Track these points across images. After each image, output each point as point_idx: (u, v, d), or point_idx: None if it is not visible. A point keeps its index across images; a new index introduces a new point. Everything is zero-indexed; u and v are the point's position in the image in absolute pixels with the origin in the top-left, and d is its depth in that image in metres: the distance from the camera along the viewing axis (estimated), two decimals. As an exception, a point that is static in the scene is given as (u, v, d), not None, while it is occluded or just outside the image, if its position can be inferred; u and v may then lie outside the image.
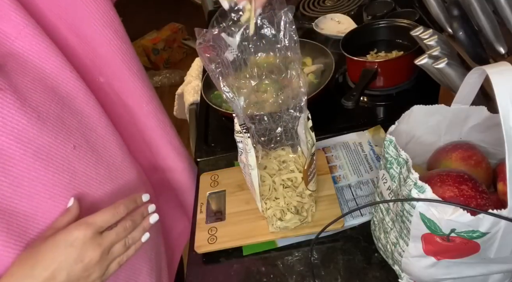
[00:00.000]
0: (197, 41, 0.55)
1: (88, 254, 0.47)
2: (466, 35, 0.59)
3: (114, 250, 0.51)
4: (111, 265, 0.51)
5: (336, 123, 0.90)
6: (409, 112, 0.55)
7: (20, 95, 0.48)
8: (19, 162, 0.48)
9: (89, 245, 0.47)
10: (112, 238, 0.50)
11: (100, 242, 0.48)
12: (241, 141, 0.62)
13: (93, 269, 0.48)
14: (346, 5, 1.24)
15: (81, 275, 0.47)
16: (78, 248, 0.47)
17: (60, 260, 0.46)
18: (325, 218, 0.68)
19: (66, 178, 0.53)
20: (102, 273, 0.49)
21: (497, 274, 0.52)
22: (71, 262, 0.46)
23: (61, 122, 0.53)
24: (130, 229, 0.52)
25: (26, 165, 0.49)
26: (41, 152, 0.50)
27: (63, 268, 0.46)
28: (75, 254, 0.47)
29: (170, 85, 2.79)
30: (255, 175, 0.61)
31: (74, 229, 0.48)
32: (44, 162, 0.50)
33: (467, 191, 0.47)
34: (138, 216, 0.54)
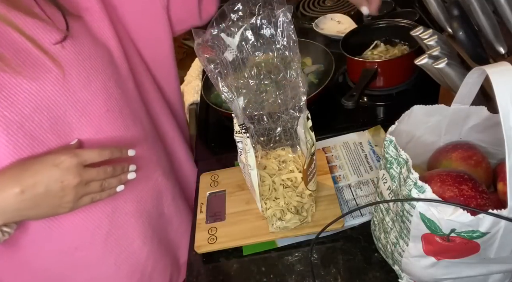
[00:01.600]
0: (196, 42, 0.55)
1: (68, 178, 0.53)
2: (466, 35, 0.59)
3: (91, 186, 0.57)
4: (84, 198, 0.57)
5: (336, 123, 0.90)
6: (409, 112, 0.55)
7: (80, 54, 0.58)
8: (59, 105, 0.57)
9: (71, 171, 0.53)
10: (92, 174, 0.56)
11: (80, 173, 0.54)
12: (241, 141, 0.62)
13: (68, 191, 0.54)
14: (346, 5, 1.24)
15: (56, 194, 0.53)
16: (61, 170, 0.53)
17: (43, 175, 0.52)
18: (325, 218, 0.68)
19: (92, 133, 0.61)
20: (74, 200, 0.55)
21: (497, 274, 0.52)
22: (52, 180, 0.53)
23: (104, 88, 0.62)
24: (109, 174, 0.59)
25: (63, 109, 0.57)
26: (79, 104, 0.58)
27: (44, 182, 0.52)
28: (57, 174, 0.53)
29: (170, 85, 2.80)
30: (255, 175, 0.61)
31: (62, 154, 0.54)
32: (78, 112, 0.59)
33: (467, 191, 0.47)
34: (119, 167, 0.61)
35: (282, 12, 0.54)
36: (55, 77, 0.55)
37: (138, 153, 0.65)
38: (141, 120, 0.71)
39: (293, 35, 0.55)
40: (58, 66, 0.55)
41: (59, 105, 0.57)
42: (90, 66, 0.59)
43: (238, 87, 0.58)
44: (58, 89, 0.56)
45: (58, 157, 0.53)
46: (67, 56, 0.57)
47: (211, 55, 0.57)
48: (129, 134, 0.66)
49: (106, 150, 0.58)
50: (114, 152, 0.59)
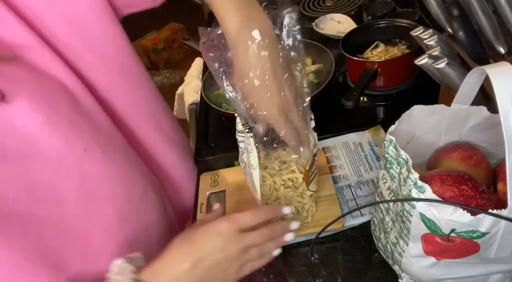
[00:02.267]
0: (201, 40, 0.55)
1: (230, 246, 0.52)
2: (466, 35, 0.59)
3: (250, 252, 0.54)
4: (245, 266, 0.55)
5: (336, 123, 0.90)
6: (409, 112, 0.55)
7: (30, 100, 0.49)
8: (29, 168, 0.49)
9: (232, 239, 0.52)
10: (251, 239, 0.54)
11: (240, 239, 0.53)
12: (243, 140, 0.62)
13: (231, 263, 0.53)
14: (346, 5, 1.24)
15: (221, 265, 0.52)
16: (223, 239, 0.52)
17: (208, 246, 0.52)
18: (325, 218, 0.68)
19: (77, 180, 0.54)
20: (237, 270, 0.54)
21: (497, 274, 0.52)
22: (217, 250, 0.52)
23: (72, 126, 0.54)
24: (267, 237, 0.55)
25: (36, 170, 0.50)
26: (51, 157, 0.51)
27: (210, 253, 0.51)
28: (221, 243, 0.52)
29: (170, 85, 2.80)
30: (257, 175, 0.61)
31: (221, 222, 0.53)
32: (53, 166, 0.51)
33: (467, 191, 0.47)
34: (278, 228, 0.57)
35: (288, 13, 0.54)
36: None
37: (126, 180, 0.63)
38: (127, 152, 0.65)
39: (298, 36, 0.55)
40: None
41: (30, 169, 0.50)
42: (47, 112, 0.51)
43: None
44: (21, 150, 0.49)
45: (218, 225, 0.53)
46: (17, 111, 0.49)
47: (215, 54, 0.57)
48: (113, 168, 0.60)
49: (261, 211, 0.56)
50: (268, 212, 0.56)
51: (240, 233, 0.53)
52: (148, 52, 2.90)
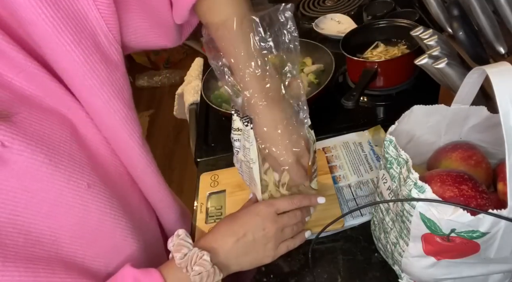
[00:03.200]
0: (205, 38, 0.55)
1: (268, 225, 0.59)
2: (466, 35, 0.59)
3: (285, 231, 0.61)
4: (281, 245, 0.61)
5: (336, 123, 0.90)
6: (409, 112, 0.55)
7: (29, 142, 0.47)
8: (25, 210, 0.48)
9: (269, 218, 0.60)
10: (285, 220, 0.61)
11: (277, 219, 0.60)
12: (239, 139, 0.62)
13: (269, 239, 0.59)
14: (346, 5, 1.24)
15: (261, 241, 0.59)
16: (262, 218, 0.59)
17: (250, 223, 0.59)
18: (325, 218, 0.68)
19: (78, 217, 0.53)
20: (275, 247, 0.60)
21: (497, 274, 0.52)
22: (257, 228, 0.59)
23: (73, 161, 0.52)
24: (298, 218, 0.63)
25: (31, 213, 0.48)
26: (50, 197, 0.50)
27: (251, 230, 0.58)
28: (260, 222, 0.59)
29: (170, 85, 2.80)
30: (256, 168, 0.61)
31: (261, 204, 0.61)
32: (51, 207, 0.50)
33: (467, 191, 0.47)
34: (304, 210, 0.65)
35: (283, 10, 0.54)
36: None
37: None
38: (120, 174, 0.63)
39: (294, 33, 0.55)
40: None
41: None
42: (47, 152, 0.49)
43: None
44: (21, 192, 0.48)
45: (258, 207, 0.61)
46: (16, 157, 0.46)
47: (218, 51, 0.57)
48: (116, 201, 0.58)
49: (295, 199, 0.63)
50: (302, 200, 0.63)
51: (276, 215, 0.60)
52: (148, 52, 2.90)
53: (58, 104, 0.53)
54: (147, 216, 0.68)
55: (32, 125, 0.49)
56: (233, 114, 0.61)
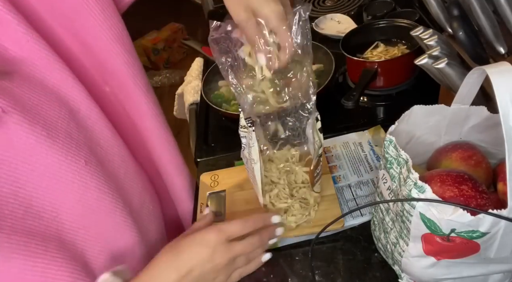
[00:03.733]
0: (210, 33, 0.55)
1: (217, 256, 0.52)
2: (466, 35, 0.59)
3: (237, 261, 0.55)
4: (233, 274, 0.56)
5: (336, 123, 0.90)
6: (409, 112, 0.55)
7: (27, 114, 0.48)
8: (25, 184, 0.48)
9: (219, 249, 0.53)
10: (239, 249, 0.54)
11: (229, 249, 0.53)
12: (245, 136, 0.62)
13: (219, 272, 0.53)
14: (346, 5, 1.24)
15: (209, 275, 0.52)
16: (211, 249, 0.52)
17: (196, 258, 0.52)
18: (325, 218, 0.68)
19: (77, 194, 0.53)
20: (226, 279, 0.54)
21: (497, 274, 0.52)
22: (204, 261, 0.52)
23: (70, 138, 0.53)
24: (256, 245, 0.57)
25: (32, 185, 0.49)
26: (50, 171, 0.50)
27: (198, 265, 0.52)
28: (208, 254, 0.52)
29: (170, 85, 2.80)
30: (258, 169, 0.61)
31: (209, 232, 0.53)
32: (51, 181, 0.50)
33: (467, 191, 0.47)
34: (266, 235, 0.58)
35: (299, 10, 0.53)
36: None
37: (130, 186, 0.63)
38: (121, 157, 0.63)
39: (307, 35, 0.55)
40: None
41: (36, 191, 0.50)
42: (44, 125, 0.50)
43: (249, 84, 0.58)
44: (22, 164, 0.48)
45: (206, 235, 0.53)
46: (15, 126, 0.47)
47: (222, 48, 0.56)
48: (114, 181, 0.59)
49: (249, 221, 0.56)
50: (257, 221, 0.57)
51: (228, 243, 0.53)
52: (148, 52, 2.90)
53: (61, 83, 0.54)
54: (150, 203, 0.68)
55: (31, 99, 0.50)
56: (241, 112, 0.61)
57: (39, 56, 0.52)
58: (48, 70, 0.53)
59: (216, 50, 0.56)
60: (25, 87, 0.50)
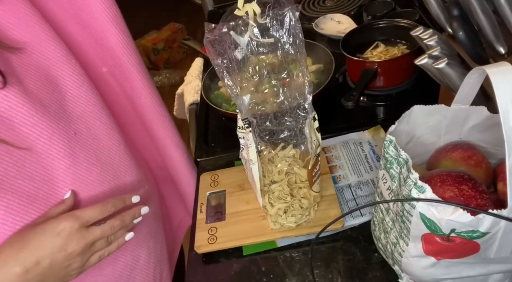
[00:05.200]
0: (205, 35, 0.55)
1: (72, 245, 0.50)
2: (466, 35, 0.59)
3: (97, 245, 0.53)
4: (92, 258, 0.54)
5: (336, 123, 0.90)
6: (409, 112, 0.55)
7: (26, 82, 0.52)
8: (22, 143, 0.50)
9: (74, 237, 0.50)
10: (97, 234, 0.52)
11: (84, 236, 0.51)
12: (243, 136, 0.62)
13: (74, 259, 0.51)
14: (346, 5, 1.24)
15: (62, 264, 0.50)
16: (64, 238, 0.49)
17: (45, 248, 0.49)
18: (325, 218, 0.68)
19: (67, 162, 0.55)
20: (82, 264, 0.52)
21: (497, 274, 0.52)
22: (56, 251, 0.49)
23: (63, 110, 0.56)
24: (116, 228, 0.55)
25: (29, 145, 0.51)
26: (44, 136, 0.52)
27: (48, 255, 0.48)
28: (60, 244, 0.49)
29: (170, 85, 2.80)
30: (256, 170, 0.61)
31: (63, 220, 0.50)
32: (45, 146, 0.53)
33: (467, 191, 0.47)
34: (128, 216, 0.57)
35: (289, 11, 0.54)
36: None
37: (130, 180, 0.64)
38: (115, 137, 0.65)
39: (299, 34, 0.55)
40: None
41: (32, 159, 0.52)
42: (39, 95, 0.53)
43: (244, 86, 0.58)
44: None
45: (58, 224, 0.50)
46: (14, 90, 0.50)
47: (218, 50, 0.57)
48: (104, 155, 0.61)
49: (108, 204, 0.54)
50: (116, 204, 0.55)
51: (84, 230, 0.51)
52: (148, 52, 2.90)
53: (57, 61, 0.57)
54: (146, 181, 0.70)
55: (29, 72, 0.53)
56: (238, 113, 0.61)
57: (41, 33, 0.55)
58: (48, 47, 0.56)
59: (211, 52, 0.56)
60: (25, 60, 0.53)
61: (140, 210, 0.59)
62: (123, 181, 0.63)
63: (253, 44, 0.56)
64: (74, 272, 0.52)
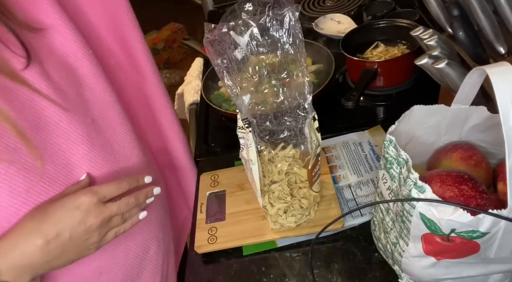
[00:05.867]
0: (205, 35, 0.56)
1: (90, 219, 0.52)
2: (466, 35, 0.59)
3: (113, 221, 0.55)
4: (108, 234, 0.56)
5: (336, 123, 0.90)
6: (409, 112, 0.55)
7: (48, 64, 0.54)
8: (43, 128, 0.53)
9: (92, 211, 0.52)
10: (114, 209, 0.55)
11: (102, 210, 0.53)
12: (243, 136, 0.62)
13: (93, 233, 0.53)
14: (346, 5, 1.24)
15: (81, 237, 0.52)
16: (83, 212, 0.52)
17: (65, 221, 0.51)
18: (325, 218, 0.68)
19: (84, 148, 0.57)
20: (100, 239, 0.54)
21: (497, 274, 0.52)
22: (75, 224, 0.51)
23: (81, 98, 0.58)
24: (131, 205, 0.57)
25: (47, 132, 0.53)
26: (64, 121, 0.54)
27: (68, 228, 0.51)
28: (79, 217, 0.51)
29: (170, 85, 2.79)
30: (256, 170, 0.61)
31: (82, 195, 0.52)
32: (65, 130, 0.55)
33: (467, 191, 0.47)
34: (142, 195, 0.59)
35: (289, 11, 0.54)
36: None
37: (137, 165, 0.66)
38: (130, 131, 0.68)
39: (299, 34, 0.55)
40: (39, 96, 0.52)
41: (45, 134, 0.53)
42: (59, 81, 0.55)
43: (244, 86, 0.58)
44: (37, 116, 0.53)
45: (77, 199, 0.52)
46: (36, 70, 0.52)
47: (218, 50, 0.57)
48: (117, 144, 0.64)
49: (123, 182, 0.56)
50: (131, 182, 0.58)
51: (102, 205, 0.53)
52: (148, 52, 2.90)
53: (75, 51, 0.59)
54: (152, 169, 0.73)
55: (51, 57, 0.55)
56: (238, 113, 0.61)
57: (61, 23, 0.57)
58: (68, 37, 0.57)
59: (211, 52, 0.56)
60: (48, 46, 0.55)
61: (153, 190, 0.61)
62: (135, 171, 0.65)
63: (253, 44, 0.56)
64: (92, 246, 0.54)
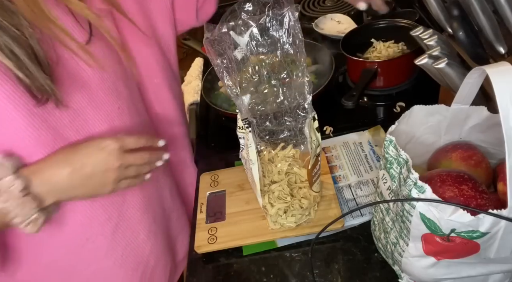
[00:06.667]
0: (205, 35, 0.56)
1: (110, 160, 0.57)
2: (466, 35, 0.59)
3: (129, 170, 0.60)
4: (123, 181, 0.60)
5: (336, 123, 0.90)
6: (409, 112, 0.55)
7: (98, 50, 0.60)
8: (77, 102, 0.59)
9: (114, 154, 0.58)
10: (131, 159, 0.60)
11: (121, 157, 0.58)
12: (243, 136, 0.62)
13: (110, 174, 0.58)
14: (346, 5, 1.24)
15: (100, 175, 0.58)
16: (106, 153, 0.57)
17: (90, 157, 0.57)
18: (325, 218, 0.68)
19: (106, 127, 0.62)
20: (115, 182, 0.59)
21: (497, 274, 0.52)
22: (98, 161, 0.57)
23: (114, 85, 0.64)
24: (145, 160, 0.62)
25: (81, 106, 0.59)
26: (95, 102, 0.60)
27: (91, 163, 0.56)
28: (102, 156, 0.57)
29: (170, 85, 2.80)
30: (256, 170, 0.61)
31: (107, 139, 0.58)
32: (95, 109, 0.61)
33: (467, 191, 0.47)
34: (154, 155, 0.64)
35: (288, 11, 0.54)
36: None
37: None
38: (144, 119, 0.73)
39: (299, 34, 0.55)
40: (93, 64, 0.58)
41: (77, 102, 0.59)
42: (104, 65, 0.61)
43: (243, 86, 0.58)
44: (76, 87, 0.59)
45: (104, 141, 0.58)
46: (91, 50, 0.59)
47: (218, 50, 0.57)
48: (136, 131, 0.68)
49: (142, 137, 0.62)
50: (149, 140, 0.63)
51: (122, 152, 0.58)
52: (148, 52, 2.90)
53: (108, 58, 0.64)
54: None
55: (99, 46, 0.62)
56: (238, 113, 0.61)
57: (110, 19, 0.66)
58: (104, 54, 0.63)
59: (211, 52, 0.56)
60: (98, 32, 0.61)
61: (163, 154, 0.65)
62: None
63: (253, 44, 0.56)
64: (106, 187, 0.59)
